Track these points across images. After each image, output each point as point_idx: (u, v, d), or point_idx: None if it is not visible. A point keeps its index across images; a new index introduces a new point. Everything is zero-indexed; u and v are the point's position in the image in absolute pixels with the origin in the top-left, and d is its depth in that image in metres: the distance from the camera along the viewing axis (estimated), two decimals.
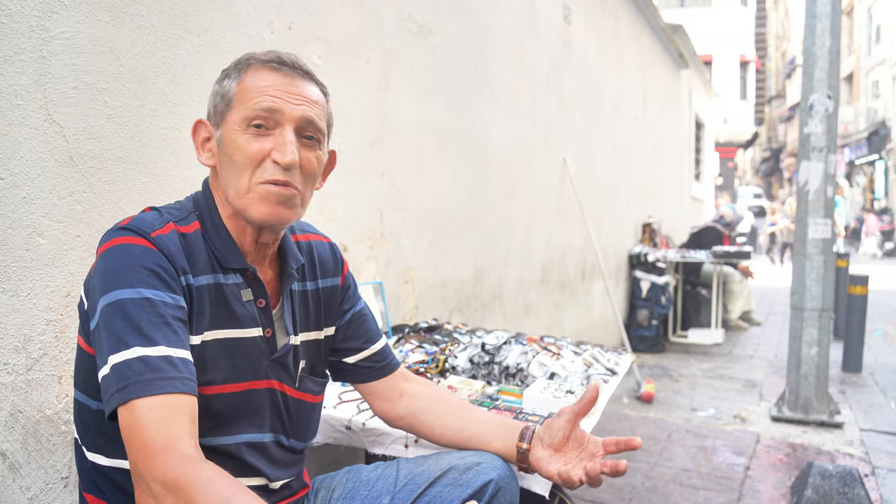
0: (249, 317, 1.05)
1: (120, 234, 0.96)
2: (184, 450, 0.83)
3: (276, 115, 1.00)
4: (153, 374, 0.86)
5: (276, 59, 1.03)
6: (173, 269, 0.95)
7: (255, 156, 0.99)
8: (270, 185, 1.00)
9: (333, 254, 1.26)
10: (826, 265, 3.72)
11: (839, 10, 3.68)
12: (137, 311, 0.89)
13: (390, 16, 2.42)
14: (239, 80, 1.03)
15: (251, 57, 1.04)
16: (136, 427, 0.84)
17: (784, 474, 2.94)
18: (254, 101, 1.00)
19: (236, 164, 1.00)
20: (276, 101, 1.00)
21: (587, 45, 4.63)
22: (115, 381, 0.86)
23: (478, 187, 3.14)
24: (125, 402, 0.85)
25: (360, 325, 1.27)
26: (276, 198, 1.00)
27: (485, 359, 1.88)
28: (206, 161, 1.06)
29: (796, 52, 30.55)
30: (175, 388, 0.87)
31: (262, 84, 1.01)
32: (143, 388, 0.85)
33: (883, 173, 20.61)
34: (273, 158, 0.99)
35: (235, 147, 1.00)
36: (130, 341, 0.87)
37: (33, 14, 1.24)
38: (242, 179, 1.00)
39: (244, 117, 1.00)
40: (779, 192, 33.40)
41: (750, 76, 23.83)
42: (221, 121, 1.03)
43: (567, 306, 4.45)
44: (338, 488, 1.21)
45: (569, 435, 1.14)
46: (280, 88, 1.01)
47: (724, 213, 7.22)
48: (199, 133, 1.07)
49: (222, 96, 1.03)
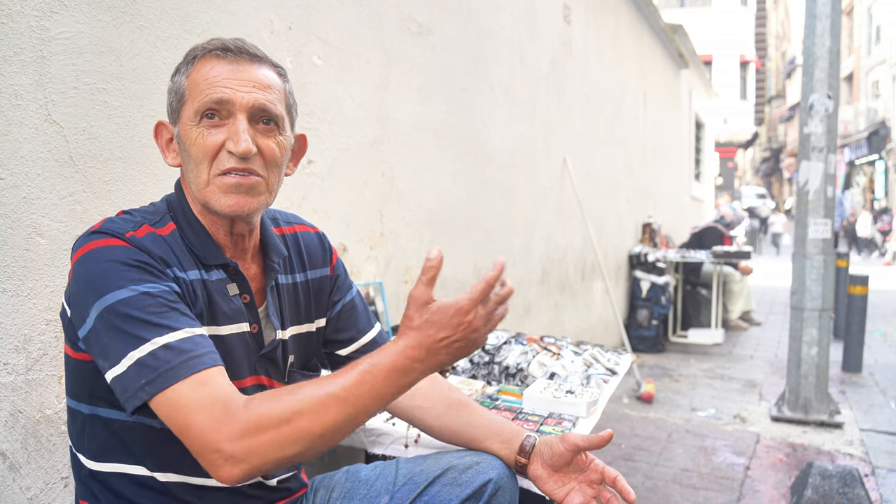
0: (237, 312, 1.05)
1: (93, 238, 0.94)
2: (239, 402, 0.87)
3: (226, 106, 0.99)
4: (181, 357, 0.87)
5: (221, 46, 1.01)
6: (155, 262, 0.94)
7: (211, 149, 0.98)
8: (229, 176, 0.99)
9: (321, 243, 1.25)
10: (826, 265, 3.72)
11: (839, 10, 3.68)
12: (141, 306, 0.89)
13: (390, 16, 2.42)
14: (188, 73, 1.01)
15: (197, 48, 1.03)
16: (187, 411, 0.85)
17: (784, 474, 2.94)
18: (203, 94, 0.98)
19: (194, 158, 1.00)
20: (225, 91, 0.98)
21: (587, 45, 4.63)
22: (142, 375, 0.86)
23: (478, 187, 3.14)
24: (160, 390, 0.85)
25: (351, 316, 1.25)
26: (236, 188, 0.99)
27: (485, 359, 1.88)
28: (172, 161, 1.05)
29: (796, 52, 30.57)
30: (206, 364, 0.88)
31: (209, 75, 0.99)
32: (178, 373, 0.86)
33: (883, 173, 20.61)
34: (227, 149, 0.98)
35: (191, 142, 0.99)
36: (147, 335, 0.87)
37: (33, 14, 1.24)
38: (202, 173, 0.99)
39: (195, 111, 0.99)
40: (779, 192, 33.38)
41: (750, 76, 23.82)
42: (177, 118, 1.02)
43: (567, 306, 4.45)
44: (337, 488, 1.21)
45: (570, 461, 1.12)
46: (228, 77, 0.99)
47: (725, 214, 7.22)
48: (161, 135, 1.06)
49: (175, 92, 1.02)
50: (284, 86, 1.07)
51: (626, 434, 3.44)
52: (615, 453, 3.15)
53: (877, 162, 21.02)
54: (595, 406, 1.61)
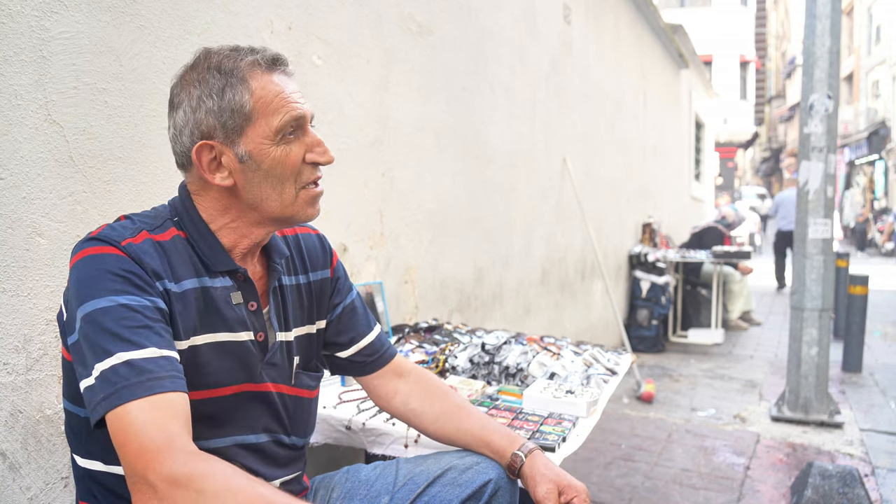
0: (239, 320, 1.04)
1: (90, 244, 0.94)
2: (187, 446, 0.83)
3: (300, 120, 1.02)
4: (141, 376, 0.85)
5: (274, 58, 1.02)
6: (146, 274, 0.93)
7: (296, 164, 1.02)
8: (313, 187, 1.05)
9: (322, 245, 1.25)
10: (826, 265, 3.72)
11: (839, 10, 3.68)
12: (116, 318, 0.88)
13: (390, 16, 2.42)
14: (249, 90, 0.98)
15: (243, 61, 1.00)
16: (130, 431, 0.82)
17: (784, 474, 2.94)
18: (282, 112, 1.00)
19: (277, 176, 1.01)
20: (299, 107, 1.02)
21: (587, 45, 4.63)
22: (102, 389, 0.85)
23: (478, 187, 3.14)
24: (114, 407, 0.83)
25: (351, 319, 1.26)
26: (318, 198, 1.07)
27: (485, 359, 1.88)
28: (224, 182, 1.01)
29: (796, 52, 30.56)
30: (164, 388, 0.86)
31: (278, 90, 1.00)
32: (133, 392, 0.84)
33: (883, 173, 20.60)
34: (309, 160, 1.03)
35: (274, 161, 1.00)
36: (113, 348, 0.86)
37: (33, 14, 1.24)
38: (287, 190, 1.02)
39: (276, 129, 0.99)
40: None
41: (750, 76, 23.80)
42: (239, 137, 0.99)
43: (567, 306, 4.45)
44: (337, 488, 1.21)
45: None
46: (291, 91, 1.02)
47: (726, 214, 7.22)
48: (203, 156, 1.00)
49: (234, 111, 0.98)
50: None
51: (626, 434, 3.44)
52: (615, 453, 3.15)
53: (877, 162, 21.01)
54: (595, 406, 1.61)
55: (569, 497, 1.09)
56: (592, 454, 3.12)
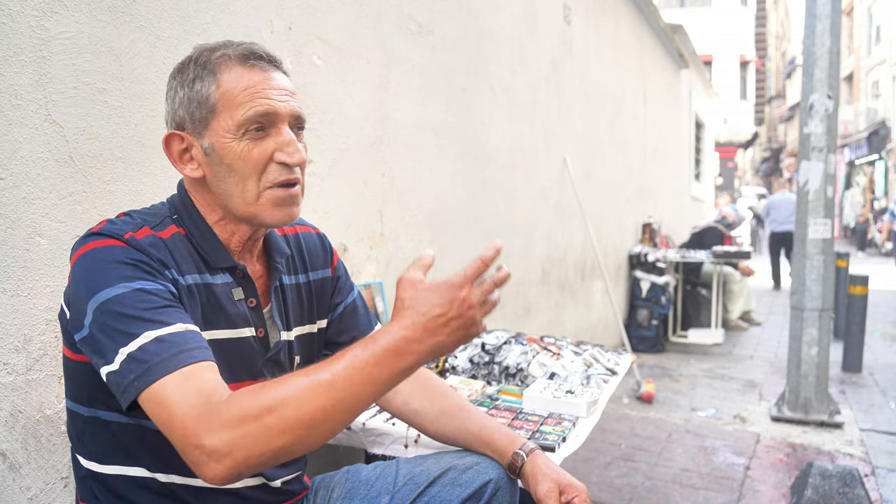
0: (241, 316, 1.04)
1: (92, 239, 0.94)
2: (224, 395, 0.83)
3: (270, 117, 0.98)
4: (172, 349, 0.84)
5: (246, 52, 0.99)
6: (154, 262, 0.93)
7: (261, 162, 0.98)
8: (280, 189, 0.99)
9: (322, 244, 1.24)
10: (826, 265, 3.72)
11: (839, 10, 3.68)
12: (134, 302, 0.87)
13: (390, 16, 2.42)
14: (216, 82, 0.97)
15: (216, 53, 0.99)
16: (169, 404, 0.81)
17: (784, 474, 2.94)
18: (246, 106, 0.96)
19: (238, 172, 0.97)
20: (270, 103, 0.97)
21: (587, 45, 4.63)
22: (131, 371, 0.84)
23: (478, 187, 3.14)
24: (147, 385, 0.83)
25: (352, 318, 1.26)
26: (288, 200, 1.00)
27: (485, 359, 1.88)
28: (193, 173, 1.01)
29: (796, 52, 30.55)
30: (195, 358, 0.85)
31: (245, 84, 0.97)
32: (166, 367, 0.83)
33: (883, 173, 20.60)
34: (278, 160, 0.98)
35: (235, 156, 0.97)
36: (138, 330, 0.85)
37: (33, 14, 1.24)
38: (249, 187, 0.98)
39: (238, 123, 0.96)
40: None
41: (750, 76, 23.80)
42: (204, 129, 0.98)
43: (567, 306, 4.45)
44: (337, 488, 1.21)
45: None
46: (266, 86, 0.98)
47: (727, 214, 7.22)
48: (172, 146, 1.01)
49: (200, 102, 0.98)
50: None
51: (626, 434, 3.44)
52: (615, 453, 3.15)
53: (877, 162, 21.01)
54: (595, 406, 1.61)
55: (569, 497, 1.09)
56: (592, 454, 3.12)
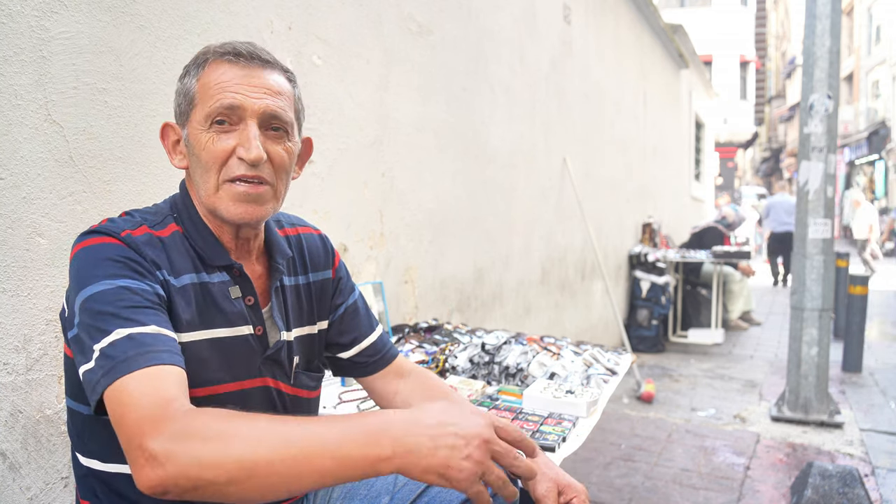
0: (238, 315, 1.04)
1: (89, 236, 0.95)
2: (183, 406, 0.80)
3: (237, 112, 0.98)
4: (140, 349, 0.83)
5: (233, 50, 1.00)
6: (145, 262, 0.93)
7: (220, 154, 0.98)
8: (238, 183, 0.99)
9: (324, 245, 1.24)
10: (826, 265, 3.72)
11: (839, 10, 3.68)
12: (114, 299, 0.87)
13: (390, 16, 2.42)
14: (198, 76, 1.00)
15: (209, 51, 1.02)
16: (126, 402, 0.79)
17: (784, 474, 2.94)
18: (214, 99, 0.97)
19: (203, 163, 0.99)
20: (237, 97, 0.97)
21: (587, 45, 4.64)
22: (101, 367, 0.83)
23: (478, 187, 3.14)
24: (112, 381, 0.81)
25: (353, 319, 1.25)
26: (244, 196, 0.99)
27: (485, 359, 1.88)
28: (179, 164, 1.04)
29: (796, 52, 30.55)
30: (162, 360, 0.84)
31: (220, 79, 0.98)
32: (130, 365, 0.82)
33: (883, 173, 20.60)
34: (238, 155, 0.98)
35: (200, 147, 0.98)
36: (111, 327, 0.85)
37: (33, 14, 1.24)
38: (210, 179, 0.99)
39: (206, 115, 0.98)
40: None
41: (750, 76, 23.79)
42: (186, 120, 1.01)
43: (567, 306, 4.45)
44: (337, 488, 1.21)
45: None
46: (240, 82, 0.98)
47: (727, 214, 7.22)
48: (167, 136, 1.05)
49: (184, 95, 1.01)
50: (294, 91, 1.06)
51: (626, 434, 3.44)
52: (615, 453, 3.15)
53: (877, 162, 21.01)
54: (595, 406, 1.61)
55: (568, 497, 1.09)
56: (592, 454, 3.12)
